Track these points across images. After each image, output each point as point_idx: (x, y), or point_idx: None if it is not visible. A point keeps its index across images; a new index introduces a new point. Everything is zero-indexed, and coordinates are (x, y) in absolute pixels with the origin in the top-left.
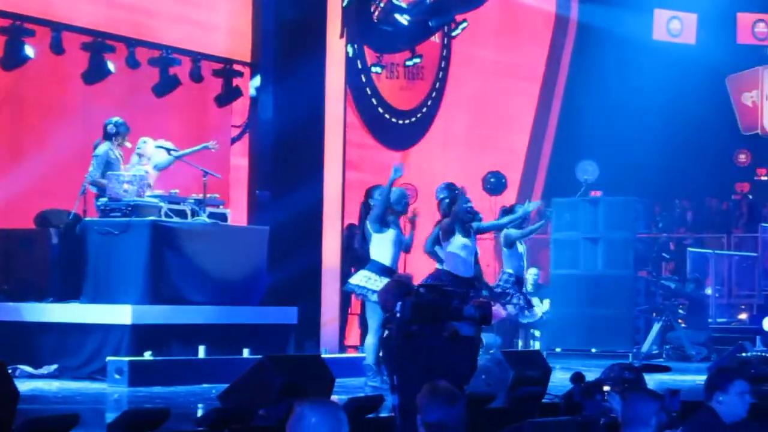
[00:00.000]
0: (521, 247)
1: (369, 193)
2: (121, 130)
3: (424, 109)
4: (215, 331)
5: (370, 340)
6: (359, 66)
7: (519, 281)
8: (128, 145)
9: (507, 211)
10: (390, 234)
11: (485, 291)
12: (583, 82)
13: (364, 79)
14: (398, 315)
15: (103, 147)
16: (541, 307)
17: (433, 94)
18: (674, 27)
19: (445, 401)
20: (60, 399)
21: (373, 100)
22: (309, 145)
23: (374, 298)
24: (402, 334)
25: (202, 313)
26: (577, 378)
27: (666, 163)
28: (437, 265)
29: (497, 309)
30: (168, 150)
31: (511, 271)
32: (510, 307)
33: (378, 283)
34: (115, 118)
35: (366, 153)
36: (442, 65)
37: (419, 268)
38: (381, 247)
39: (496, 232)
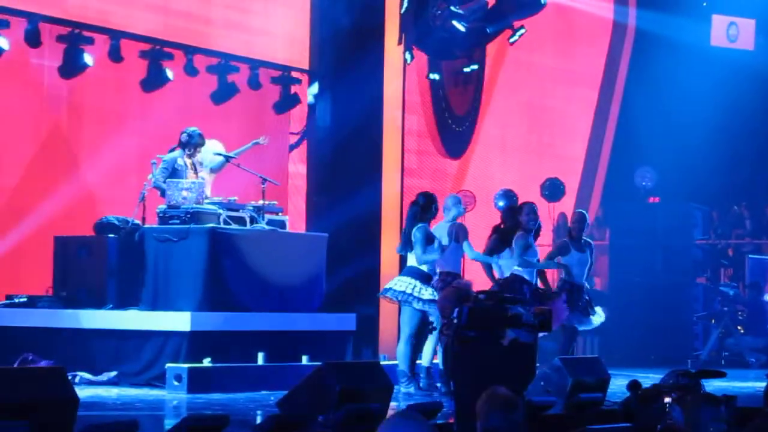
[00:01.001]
0: (577, 254)
1: (418, 198)
2: (193, 140)
3: (472, 112)
4: (274, 338)
5: (402, 347)
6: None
7: (575, 288)
8: (211, 151)
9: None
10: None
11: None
12: (641, 89)
13: (435, 87)
14: (455, 321)
15: (174, 153)
16: (600, 315)
17: (477, 98)
18: (732, 33)
19: (504, 408)
20: (119, 405)
21: (443, 106)
22: (367, 151)
23: (418, 305)
24: (459, 341)
25: (261, 320)
26: (634, 386)
27: (724, 169)
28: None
29: (559, 309)
30: (225, 156)
31: (565, 278)
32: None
33: (422, 290)
34: (191, 128)
35: (424, 159)
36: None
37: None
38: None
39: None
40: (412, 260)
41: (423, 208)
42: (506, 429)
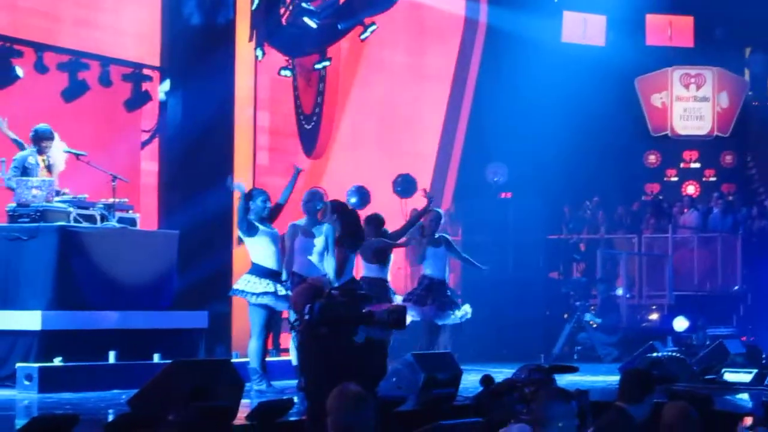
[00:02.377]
0: (432, 249)
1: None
2: (41, 136)
3: (317, 110)
4: (125, 336)
5: (253, 343)
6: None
7: (434, 283)
8: (60, 148)
9: (419, 215)
10: (262, 237)
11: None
12: (492, 85)
13: (287, 84)
14: (307, 317)
15: (23, 153)
16: (464, 311)
17: (319, 98)
18: (583, 29)
19: (354, 404)
20: None
21: (295, 103)
22: (219, 149)
23: (253, 300)
24: (310, 337)
25: (112, 319)
26: (486, 380)
27: (576, 164)
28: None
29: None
30: (75, 154)
31: (427, 272)
32: (426, 310)
33: (258, 285)
34: (39, 125)
35: (277, 156)
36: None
37: None
38: (256, 250)
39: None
40: (255, 258)
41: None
42: (357, 426)
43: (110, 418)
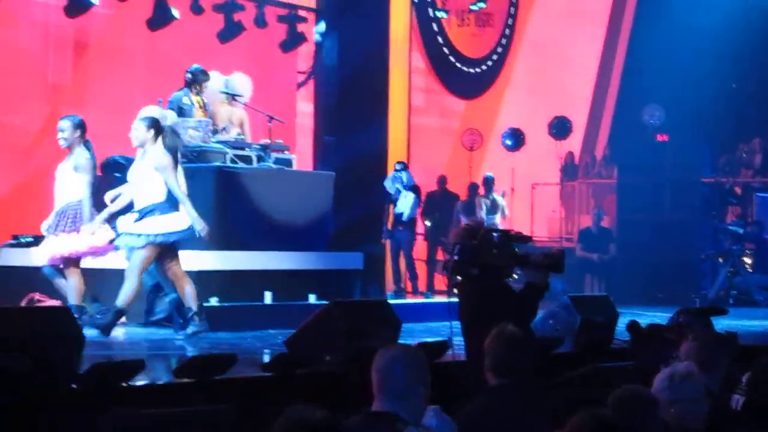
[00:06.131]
0: None
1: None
2: (198, 78)
3: (494, 57)
4: (281, 277)
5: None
6: (429, 13)
7: None
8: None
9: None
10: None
11: None
12: (649, 25)
13: (435, 26)
14: (456, 257)
15: (178, 93)
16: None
17: (503, 41)
18: None
19: (512, 345)
20: (126, 345)
21: (444, 48)
22: (373, 90)
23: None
24: (463, 278)
25: (268, 259)
26: (633, 327)
27: (734, 107)
28: None
29: None
30: (230, 95)
31: None
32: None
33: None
34: (193, 66)
35: (432, 98)
36: (511, 12)
37: None
38: None
39: None
40: None
41: None
42: (515, 366)
43: (266, 358)
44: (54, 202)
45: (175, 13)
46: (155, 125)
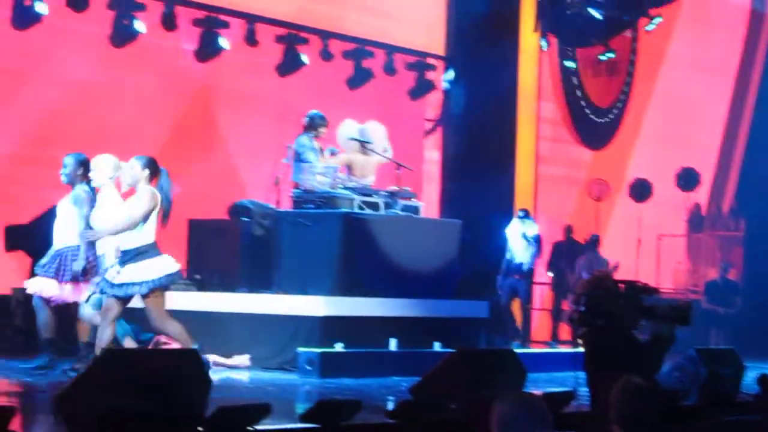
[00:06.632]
0: None
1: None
2: (315, 122)
3: (619, 105)
4: (406, 324)
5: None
6: (560, 63)
7: None
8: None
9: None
10: None
11: None
12: None
13: (574, 79)
14: (581, 309)
15: (304, 138)
16: None
17: (625, 89)
18: None
19: (638, 397)
20: (251, 389)
21: (581, 100)
22: (501, 138)
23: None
24: (589, 329)
25: (394, 306)
26: (764, 380)
27: None
28: None
29: None
30: (360, 141)
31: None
32: None
33: None
34: (312, 111)
35: (559, 147)
36: (632, 59)
37: None
38: None
39: None
40: None
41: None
42: (641, 418)
43: (391, 405)
44: (53, 239)
45: (305, 58)
46: (151, 165)
